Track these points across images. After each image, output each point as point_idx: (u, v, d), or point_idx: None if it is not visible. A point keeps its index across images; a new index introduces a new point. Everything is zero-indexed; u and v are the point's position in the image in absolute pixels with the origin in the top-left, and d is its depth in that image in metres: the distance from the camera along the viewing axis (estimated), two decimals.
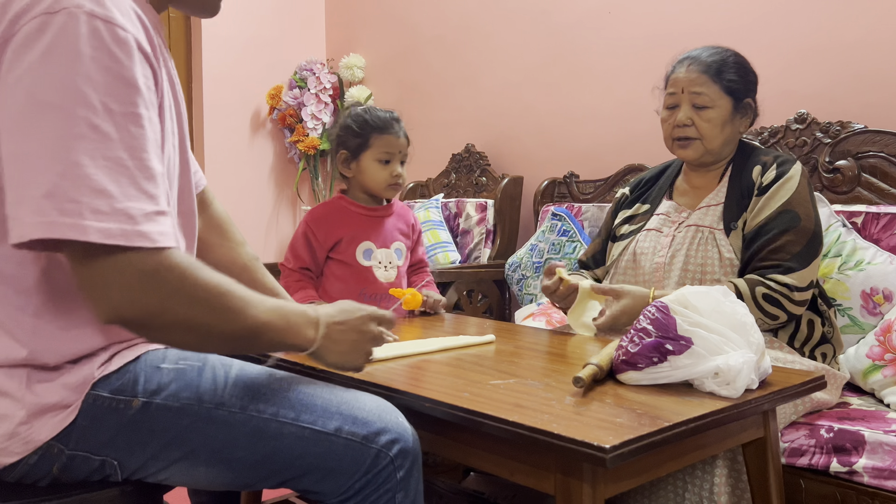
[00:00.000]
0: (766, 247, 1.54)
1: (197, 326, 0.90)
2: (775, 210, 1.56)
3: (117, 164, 0.84)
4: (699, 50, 1.70)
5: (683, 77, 1.67)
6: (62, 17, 0.83)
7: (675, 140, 1.70)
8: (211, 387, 1.02)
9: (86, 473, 1.00)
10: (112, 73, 0.85)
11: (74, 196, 0.81)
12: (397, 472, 1.03)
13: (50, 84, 0.82)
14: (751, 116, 1.70)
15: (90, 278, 0.84)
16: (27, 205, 0.81)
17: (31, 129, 0.82)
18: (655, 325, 1.13)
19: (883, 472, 1.33)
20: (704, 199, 1.70)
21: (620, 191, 1.94)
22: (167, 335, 0.91)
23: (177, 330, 0.90)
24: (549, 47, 2.97)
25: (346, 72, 3.74)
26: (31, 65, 0.83)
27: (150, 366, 1.01)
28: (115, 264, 0.83)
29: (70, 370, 0.96)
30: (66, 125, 0.82)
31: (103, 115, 0.83)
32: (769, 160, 1.65)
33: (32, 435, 0.94)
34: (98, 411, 0.97)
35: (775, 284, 1.50)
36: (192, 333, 0.91)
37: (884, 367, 1.64)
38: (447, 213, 3.13)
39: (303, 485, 1.05)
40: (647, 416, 0.98)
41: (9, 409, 0.93)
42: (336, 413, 1.04)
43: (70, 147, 0.81)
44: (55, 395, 0.95)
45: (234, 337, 0.94)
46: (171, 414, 0.99)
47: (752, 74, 1.70)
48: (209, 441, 1.00)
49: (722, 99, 1.65)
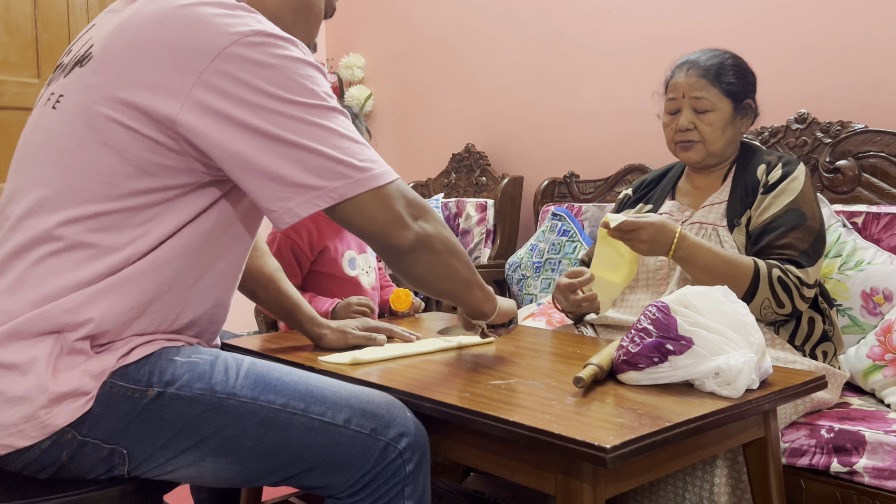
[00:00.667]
0: (774, 242, 1.55)
1: (455, 247, 1.12)
2: (782, 208, 1.57)
3: (354, 130, 1.04)
4: (697, 54, 1.71)
5: (683, 82, 1.68)
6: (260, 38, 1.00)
7: (677, 144, 1.71)
8: (223, 378, 1.04)
9: (93, 463, 1.01)
10: (315, 69, 1.04)
11: (358, 156, 1.01)
12: (406, 466, 1.04)
13: (285, 86, 0.99)
14: (751, 117, 1.72)
15: (392, 220, 1.03)
16: (322, 174, 0.99)
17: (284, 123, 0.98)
18: (656, 325, 1.13)
19: (883, 473, 1.33)
20: (708, 199, 1.71)
21: (623, 191, 1.95)
22: (442, 258, 1.11)
23: (447, 252, 1.11)
24: (549, 47, 2.97)
25: (346, 72, 3.74)
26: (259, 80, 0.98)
27: (165, 359, 1.04)
28: (400, 197, 1.05)
29: (92, 358, 0.99)
30: (313, 113, 1.00)
31: (329, 100, 1.03)
32: (773, 160, 1.66)
33: (51, 419, 0.96)
34: (113, 399, 0.99)
35: (790, 274, 1.51)
36: (456, 256, 1.13)
37: (884, 367, 1.64)
38: (447, 213, 3.13)
39: (309, 480, 1.05)
40: (648, 416, 0.98)
41: (31, 391, 0.95)
42: (345, 406, 1.05)
43: (327, 125, 1.00)
44: (76, 382, 0.97)
45: (468, 262, 1.16)
46: (183, 403, 1.01)
47: (751, 75, 1.72)
48: (219, 430, 1.01)
49: (722, 102, 1.66)
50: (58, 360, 0.97)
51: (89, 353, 0.99)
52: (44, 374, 0.96)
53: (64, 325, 0.97)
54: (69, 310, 0.98)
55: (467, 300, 1.22)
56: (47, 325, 0.97)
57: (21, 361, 0.96)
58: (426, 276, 1.11)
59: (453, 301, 1.22)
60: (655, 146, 2.56)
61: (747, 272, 1.50)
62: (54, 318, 0.97)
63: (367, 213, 1.02)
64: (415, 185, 3.40)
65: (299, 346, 1.46)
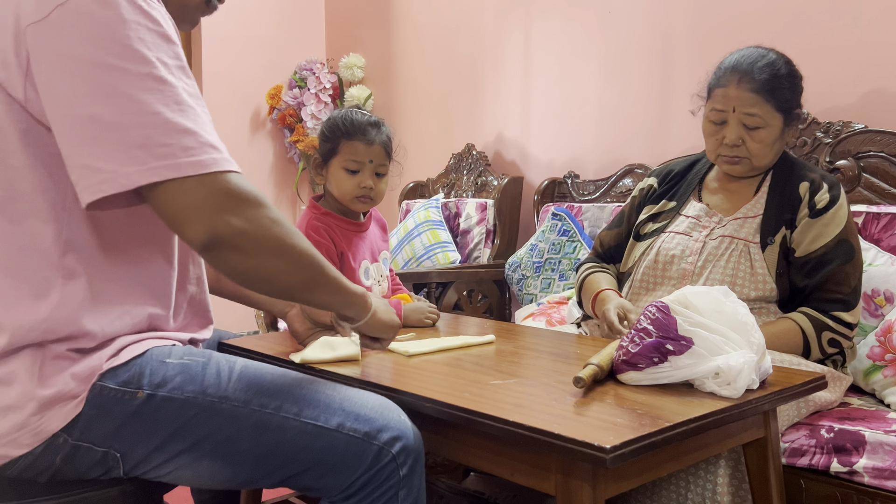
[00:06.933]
0: (829, 279, 1.52)
1: (281, 247, 0.97)
2: (833, 239, 1.53)
3: (187, 107, 0.93)
4: (746, 58, 1.58)
5: (735, 95, 1.56)
6: None
7: (721, 156, 1.62)
8: (215, 381, 1.03)
9: (88, 466, 1.01)
10: (156, 32, 0.94)
11: (164, 141, 0.90)
12: (400, 470, 1.04)
13: (108, 50, 0.89)
14: (797, 123, 1.64)
15: (186, 208, 0.91)
16: (119, 158, 0.88)
17: (99, 93, 0.89)
18: (656, 326, 1.12)
19: (883, 473, 1.33)
20: (741, 210, 1.64)
21: (647, 181, 1.84)
22: (255, 259, 0.96)
23: (263, 252, 0.96)
24: (549, 47, 2.97)
25: (345, 72, 3.74)
26: (82, 38, 0.89)
27: (155, 360, 1.03)
28: (210, 188, 0.92)
29: (78, 361, 0.98)
30: (134, 83, 0.90)
31: (161, 68, 0.92)
32: (817, 178, 1.59)
33: (43, 426, 0.96)
34: (104, 401, 0.99)
35: (839, 326, 1.51)
36: (279, 257, 0.97)
37: (884, 367, 1.64)
38: (447, 213, 3.13)
39: (304, 482, 1.05)
40: (648, 417, 0.98)
41: (19, 399, 0.95)
42: (338, 409, 1.05)
43: (144, 101, 0.90)
44: (64, 385, 0.97)
45: (308, 264, 1.01)
46: (176, 405, 1.01)
47: (801, 79, 1.61)
48: (213, 433, 1.01)
49: (774, 118, 1.56)
50: (42, 367, 0.97)
51: (74, 357, 0.98)
52: (29, 381, 0.95)
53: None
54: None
55: (317, 303, 1.10)
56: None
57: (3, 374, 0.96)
58: (240, 278, 0.99)
59: (298, 302, 1.15)
60: (656, 146, 2.56)
61: (797, 347, 1.50)
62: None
63: (163, 202, 0.91)
64: (415, 185, 3.40)
65: (298, 348, 1.46)
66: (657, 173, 1.84)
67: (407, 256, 3.02)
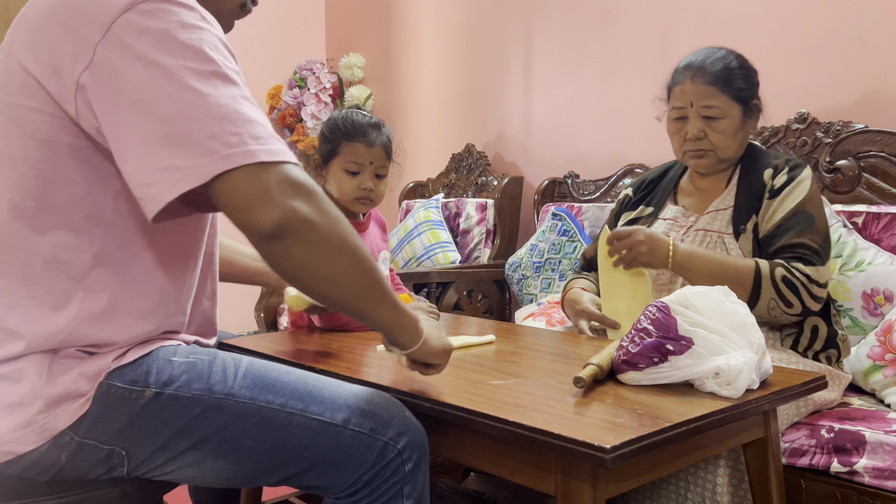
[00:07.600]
0: (783, 243, 1.53)
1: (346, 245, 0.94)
2: (789, 211, 1.55)
3: (250, 103, 0.94)
4: (699, 56, 1.65)
5: (691, 90, 1.61)
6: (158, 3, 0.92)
7: (687, 153, 1.66)
8: (221, 378, 1.04)
9: (92, 464, 1.01)
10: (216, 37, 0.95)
11: (234, 130, 0.89)
12: (405, 465, 1.04)
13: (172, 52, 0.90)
14: (757, 115, 1.68)
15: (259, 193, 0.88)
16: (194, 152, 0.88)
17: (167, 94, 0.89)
18: (656, 326, 1.12)
19: (884, 473, 1.33)
20: (713, 204, 1.67)
21: (623, 192, 1.91)
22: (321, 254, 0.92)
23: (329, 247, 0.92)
24: (549, 47, 2.97)
25: (345, 71, 3.74)
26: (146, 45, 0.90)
27: (161, 359, 1.03)
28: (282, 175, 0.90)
29: (87, 360, 0.99)
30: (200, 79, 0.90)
31: (223, 67, 0.93)
32: (780, 163, 1.62)
33: (49, 423, 0.96)
34: (110, 399, 0.99)
35: (796, 271, 1.49)
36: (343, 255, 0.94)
37: (884, 367, 1.64)
38: (447, 213, 3.13)
39: (308, 480, 1.05)
40: (648, 417, 0.98)
41: (26, 396, 0.96)
42: (344, 405, 1.05)
43: (211, 94, 0.90)
44: (72, 384, 0.97)
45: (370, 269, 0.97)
46: (182, 403, 1.01)
47: (755, 73, 1.67)
48: (218, 430, 1.01)
49: (732, 108, 1.61)
50: (52, 366, 0.97)
51: (84, 357, 0.99)
52: (38, 379, 0.96)
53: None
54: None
55: (371, 318, 1.01)
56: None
57: (12, 370, 0.96)
58: (301, 275, 0.93)
59: (352, 316, 1.03)
60: (655, 146, 2.56)
61: (748, 273, 1.48)
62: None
63: (233, 189, 0.89)
64: (415, 185, 3.40)
65: (299, 347, 1.46)
66: (633, 184, 1.91)
67: (407, 256, 3.02)
